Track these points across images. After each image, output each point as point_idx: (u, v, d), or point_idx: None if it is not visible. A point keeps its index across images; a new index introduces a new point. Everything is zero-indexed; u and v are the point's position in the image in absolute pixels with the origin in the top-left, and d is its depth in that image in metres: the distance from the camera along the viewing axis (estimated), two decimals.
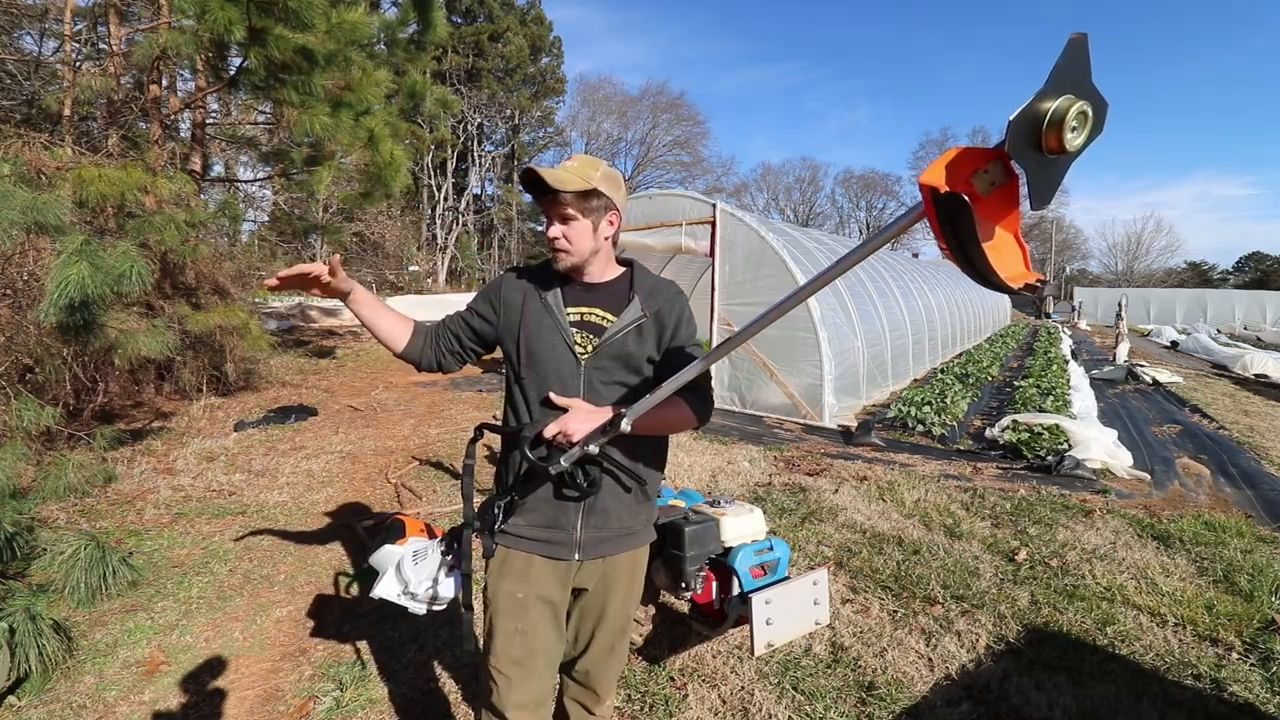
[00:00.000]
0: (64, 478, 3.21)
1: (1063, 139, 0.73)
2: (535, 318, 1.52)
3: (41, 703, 2.39)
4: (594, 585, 1.56)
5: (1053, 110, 0.72)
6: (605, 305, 1.54)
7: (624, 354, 1.51)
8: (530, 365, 1.51)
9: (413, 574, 1.75)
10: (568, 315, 1.52)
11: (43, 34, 9.00)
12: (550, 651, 1.51)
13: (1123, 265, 49.37)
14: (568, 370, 1.49)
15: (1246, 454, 5.72)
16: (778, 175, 54.91)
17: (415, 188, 26.90)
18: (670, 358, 1.56)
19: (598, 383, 1.50)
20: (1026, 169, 0.76)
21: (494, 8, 30.53)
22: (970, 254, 0.80)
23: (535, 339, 1.50)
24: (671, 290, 1.61)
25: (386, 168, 7.13)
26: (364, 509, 4.35)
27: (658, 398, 1.31)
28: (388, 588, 1.77)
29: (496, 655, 1.48)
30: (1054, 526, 3.93)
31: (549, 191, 1.43)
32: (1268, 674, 2.46)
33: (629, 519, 1.55)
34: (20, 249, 4.68)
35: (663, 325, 1.56)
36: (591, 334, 1.51)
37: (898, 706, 2.32)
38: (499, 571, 1.52)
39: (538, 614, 1.49)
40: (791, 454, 5.64)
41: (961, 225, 0.78)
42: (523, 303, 1.53)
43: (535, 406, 1.51)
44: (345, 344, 11.76)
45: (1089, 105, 0.74)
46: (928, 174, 0.78)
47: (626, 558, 1.58)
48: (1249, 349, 12.76)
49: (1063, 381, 8.67)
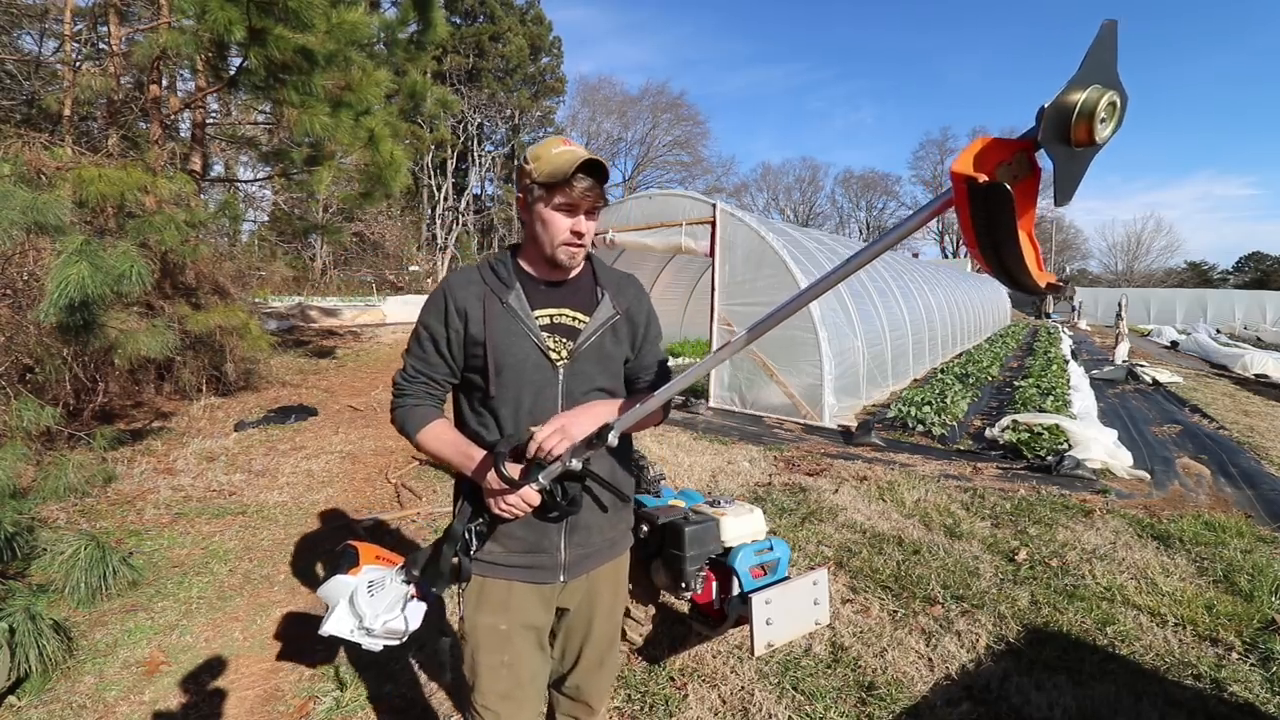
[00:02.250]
0: (64, 478, 3.21)
1: (1093, 130, 0.71)
2: (500, 325, 1.34)
3: (41, 703, 2.39)
4: (578, 602, 1.49)
5: (1083, 100, 0.70)
6: (574, 304, 1.41)
7: (602, 357, 1.41)
8: (500, 381, 1.35)
9: (368, 607, 1.56)
10: (536, 318, 1.37)
11: (43, 34, 9.01)
12: (538, 677, 1.45)
13: (1123, 265, 49.36)
14: (544, 380, 1.36)
15: (1246, 454, 5.72)
16: (778, 175, 55.14)
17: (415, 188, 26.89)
18: (644, 358, 1.50)
19: (577, 391, 1.38)
20: (1055, 161, 0.74)
21: (494, 8, 30.53)
22: (1004, 251, 0.77)
23: (503, 350, 1.34)
24: (635, 284, 1.53)
25: (386, 168, 7.14)
26: (364, 509, 4.35)
27: (649, 407, 1.22)
28: (339, 624, 1.57)
29: (483, 692, 1.39)
30: (1054, 526, 3.93)
31: (604, 182, 1.32)
32: (1268, 674, 2.46)
33: (610, 530, 1.49)
34: (20, 249, 4.68)
35: (635, 323, 1.48)
36: (565, 337, 1.38)
37: (898, 706, 2.32)
38: (476, 603, 1.41)
39: (522, 643, 1.40)
40: (791, 454, 5.64)
41: (1000, 218, 0.75)
42: (482, 311, 1.35)
43: (510, 429, 1.36)
44: (345, 344, 11.75)
45: (1117, 96, 0.72)
46: (959, 163, 0.76)
47: (609, 568, 1.52)
48: (1249, 349, 12.75)
49: (1063, 381, 8.67)
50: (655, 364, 1.53)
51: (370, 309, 14.91)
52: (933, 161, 52.21)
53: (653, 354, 1.52)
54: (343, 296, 18.29)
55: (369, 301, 16.42)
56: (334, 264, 22.22)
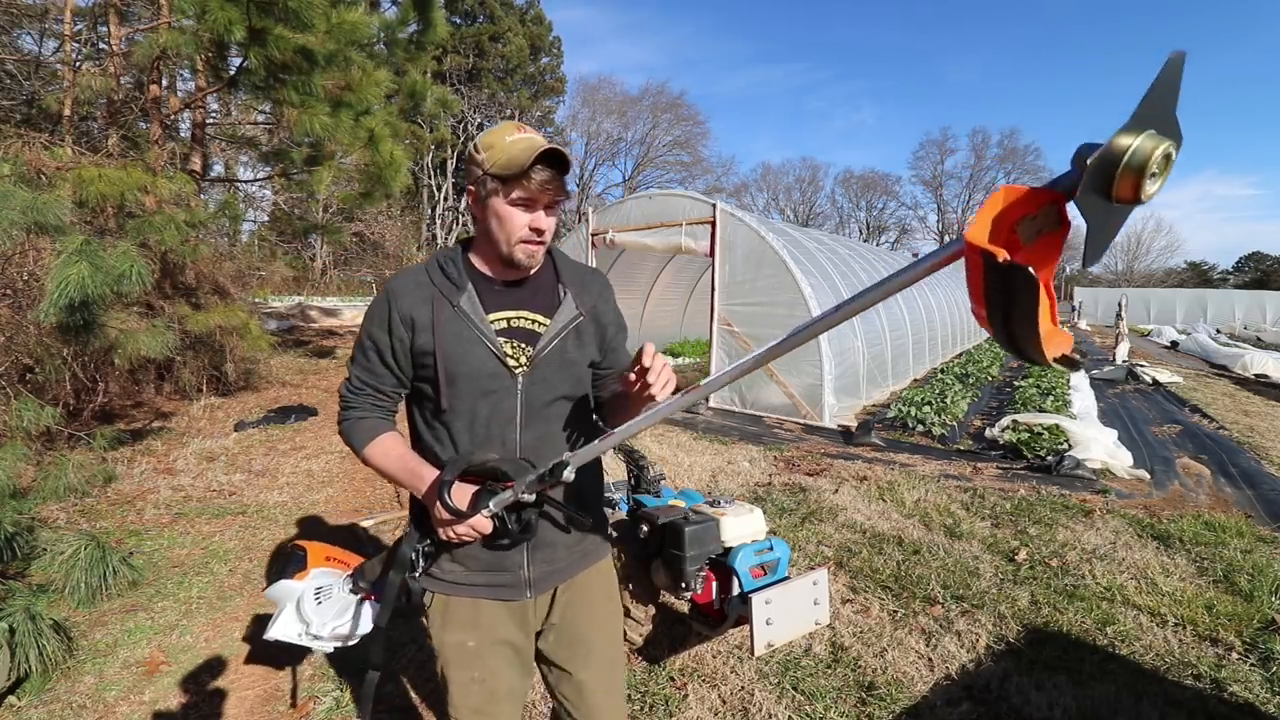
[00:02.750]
0: (64, 478, 3.21)
1: (1140, 186, 0.59)
2: (451, 330, 1.22)
3: (41, 703, 2.39)
4: (561, 617, 1.36)
5: (1135, 150, 0.58)
6: (533, 305, 1.29)
7: (565, 363, 1.29)
8: (453, 392, 1.23)
9: (315, 615, 1.54)
10: (491, 322, 1.25)
11: (43, 34, 9.01)
12: (515, 693, 1.35)
13: (1123, 265, 49.35)
14: (501, 389, 1.24)
15: (1246, 454, 5.72)
16: (778, 175, 55.14)
17: (415, 188, 26.92)
18: (612, 359, 1.38)
19: (538, 401, 1.27)
20: (1089, 218, 0.62)
21: (494, 8, 30.56)
22: (1015, 324, 0.67)
23: (455, 359, 1.22)
24: (601, 280, 1.40)
25: (386, 168, 7.14)
26: (364, 509, 4.35)
27: (608, 445, 1.13)
28: (285, 628, 1.55)
29: (455, 706, 1.32)
30: (1054, 526, 3.93)
31: (565, 173, 1.20)
32: (1268, 674, 2.46)
33: (578, 542, 1.38)
34: (20, 249, 4.68)
35: (601, 323, 1.36)
36: (523, 342, 1.26)
37: (898, 706, 2.32)
38: (441, 622, 1.32)
39: (495, 658, 1.31)
40: (791, 454, 5.64)
41: (1018, 298, 0.64)
42: (431, 316, 1.23)
43: (463, 449, 1.26)
44: (345, 344, 11.75)
45: (1174, 147, 0.60)
46: (975, 231, 0.65)
47: (593, 576, 1.41)
48: (1249, 349, 12.75)
49: (1063, 381, 8.67)
50: (623, 367, 1.39)
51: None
52: (932, 161, 52.31)
53: (622, 357, 1.40)
54: (343, 296, 18.33)
55: (369, 301, 16.41)
56: (334, 264, 22.26)
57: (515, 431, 1.27)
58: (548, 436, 1.30)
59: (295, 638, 1.55)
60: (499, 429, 1.26)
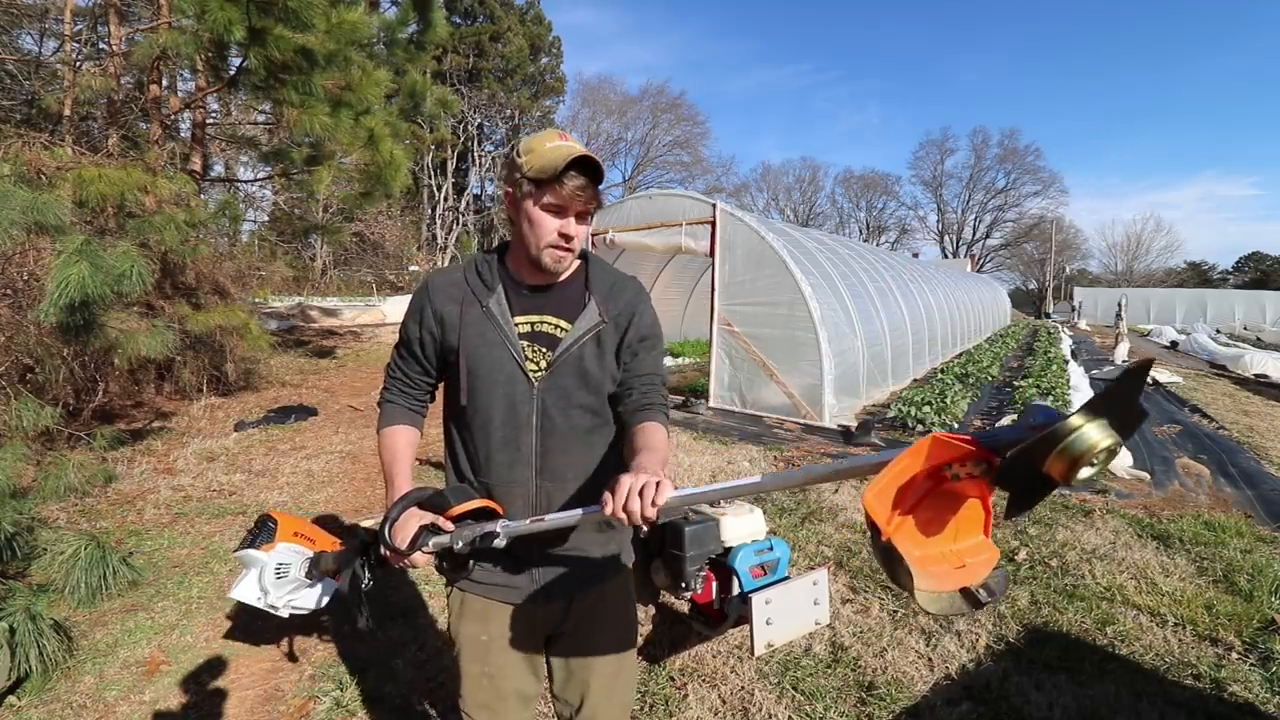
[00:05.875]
0: (64, 478, 3.21)
1: (1073, 471, 0.60)
2: (476, 330, 1.25)
3: (41, 703, 2.39)
4: (574, 626, 1.37)
5: (1077, 438, 0.59)
6: (558, 311, 1.29)
7: (582, 371, 1.27)
8: (472, 393, 1.25)
9: (273, 588, 1.68)
10: (516, 325, 1.26)
11: (43, 34, 9.02)
12: (523, 691, 1.38)
13: (1123, 265, 49.38)
14: (519, 395, 1.25)
15: (1246, 454, 5.72)
16: (778, 175, 55.07)
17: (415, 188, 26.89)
18: (635, 366, 1.33)
19: (553, 409, 1.26)
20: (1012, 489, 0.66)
21: (494, 8, 30.54)
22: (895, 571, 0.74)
23: (477, 359, 1.24)
24: (633, 288, 1.37)
25: (386, 168, 7.14)
26: (364, 509, 4.35)
27: (575, 517, 1.10)
28: (247, 591, 1.72)
29: (465, 699, 1.37)
30: (1054, 526, 3.93)
31: (598, 182, 1.20)
32: (1268, 674, 2.46)
33: (593, 555, 1.36)
34: (20, 249, 4.68)
35: (626, 330, 1.32)
36: (544, 347, 1.27)
37: (898, 706, 2.32)
38: (459, 612, 1.36)
39: (504, 657, 1.34)
40: (791, 454, 5.64)
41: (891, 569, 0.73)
42: (460, 314, 1.26)
43: (482, 450, 1.28)
44: (345, 344, 11.76)
45: (1119, 444, 0.60)
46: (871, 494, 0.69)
47: (609, 588, 1.40)
48: (1249, 349, 12.76)
49: (1063, 381, 8.67)
50: (646, 376, 1.33)
51: (370, 309, 14.92)
52: (933, 161, 52.32)
53: (645, 365, 1.33)
54: (343, 296, 18.31)
55: (369, 301, 16.45)
56: (334, 264, 22.24)
57: (531, 435, 1.27)
58: (567, 446, 1.29)
59: (254, 601, 1.71)
60: (514, 432, 1.27)
